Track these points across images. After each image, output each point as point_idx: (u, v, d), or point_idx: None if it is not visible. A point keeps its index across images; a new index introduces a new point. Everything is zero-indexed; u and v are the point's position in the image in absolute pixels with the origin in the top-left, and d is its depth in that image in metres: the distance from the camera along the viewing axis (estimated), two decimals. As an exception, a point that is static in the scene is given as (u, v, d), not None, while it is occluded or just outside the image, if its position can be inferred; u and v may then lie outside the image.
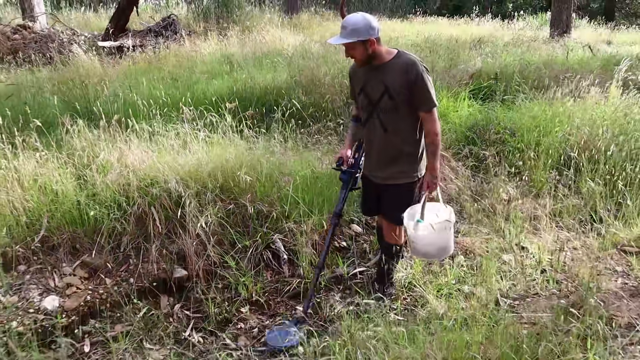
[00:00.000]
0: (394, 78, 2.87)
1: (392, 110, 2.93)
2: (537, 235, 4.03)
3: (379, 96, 2.93)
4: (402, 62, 2.88)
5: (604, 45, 11.65)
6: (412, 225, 3.01)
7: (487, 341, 2.45)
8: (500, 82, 6.54)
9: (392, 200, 3.14)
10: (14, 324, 3.04)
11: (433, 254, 3.18)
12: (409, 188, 3.10)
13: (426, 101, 2.89)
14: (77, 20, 13.14)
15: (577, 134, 5.03)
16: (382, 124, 2.98)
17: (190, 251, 3.50)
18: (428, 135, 2.97)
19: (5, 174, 3.46)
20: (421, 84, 2.84)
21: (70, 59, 8.99)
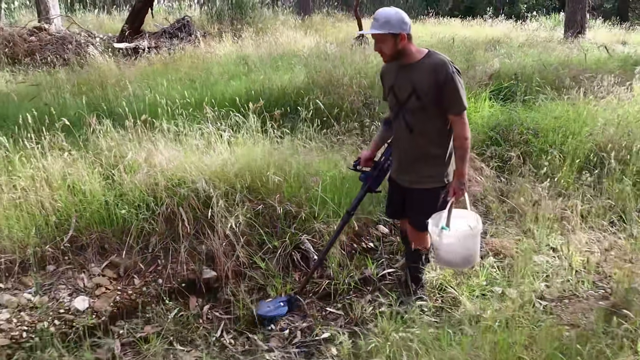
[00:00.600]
0: (423, 78, 2.78)
1: (419, 111, 2.84)
2: (567, 236, 3.98)
3: (406, 96, 2.85)
4: (432, 62, 2.79)
5: (619, 46, 11.55)
6: (437, 233, 2.89)
7: (530, 343, 2.40)
8: (520, 82, 6.47)
9: (417, 205, 3.05)
10: (45, 324, 3.04)
11: (457, 263, 3.07)
12: (436, 193, 2.99)
13: (456, 103, 2.79)
14: (92, 22, 13.19)
15: (602, 134, 4.97)
16: (408, 125, 2.90)
17: (219, 252, 3.48)
18: (457, 139, 2.86)
19: (34, 173, 3.45)
20: (451, 85, 2.74)
21: (87, 61, 9.05)
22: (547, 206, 4.31)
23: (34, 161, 3.57)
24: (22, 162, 3.64)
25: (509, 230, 4.15)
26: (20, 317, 3.03)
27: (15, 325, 2.98)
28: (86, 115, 4.14)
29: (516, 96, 6.20)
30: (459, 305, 3.21)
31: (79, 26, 10.96)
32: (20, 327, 2.97)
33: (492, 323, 2.57)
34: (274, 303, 3.27)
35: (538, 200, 4.44)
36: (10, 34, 10.03)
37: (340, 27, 13.15)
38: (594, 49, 10.54)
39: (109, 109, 5.41)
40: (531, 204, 4.42)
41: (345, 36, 12.18)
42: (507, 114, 5.65)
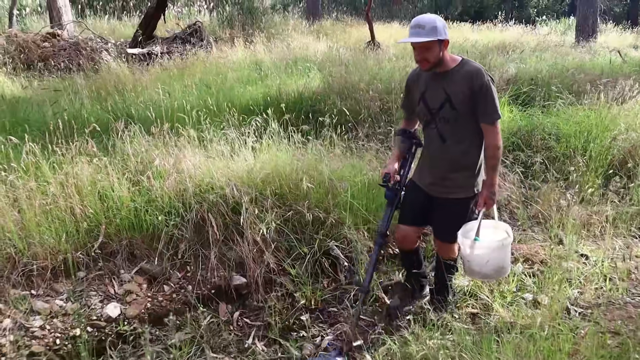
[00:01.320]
0: (457, 86, 2.75)
1: (452, 120, 2.81)
2: (595, 243, 3.95)
3: (439, 105, 2.81)
4: (467, 70, 2.75)
5: (632, 50, 11.52)
6: (468, 244, 2.85)
7: (574, 350, 2.38)
8: (539, 87, 6.46)
9: (446, 217, 2.99)
10: (77, 331, 3.03)
11: (489, 274, 3.00)
12: (466, 203, 2.95)
13: (490, 112, 2.75)
14: (102, 28, 13.24)
15: (625, 140, 4.94)
16: (441, 134, 2.86)
17: (248, 258, 3.47)
18: (489, 148, 2.81)
19: (64, 179, 3.45)
20: (486, 94, 2.71)
21: (101, 66, 9.08)
22: (573, 212, 4.29)
23: (64, 167, 3.56)
24: (52, 168, 3.64)
25: (535, 236, 4.14)
26: (53, 323, 3.02)
27: (49, 332, 2.97)
28: (113, 120, 4.15)
29: (535, 101, 6.18)
30: (491, 312, 3.19)
31: (92, 32, 10.99)
32: (53, 334, 2.97)
33: (536, 330, 2.53)
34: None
35: (564, 206, 4.43)
36: (25, 39, 10.07)
37: (350, 32, 13.16)
38: (606, 54, 10.53)
39: (129, 114, 5.41)
40: (556, 209, 4.41)
41: (356, 41, 12.20)
42: (528, 119, 5.63)
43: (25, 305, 3.05)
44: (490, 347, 2.48)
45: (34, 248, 3.21)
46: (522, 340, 2.54)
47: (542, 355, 2.34)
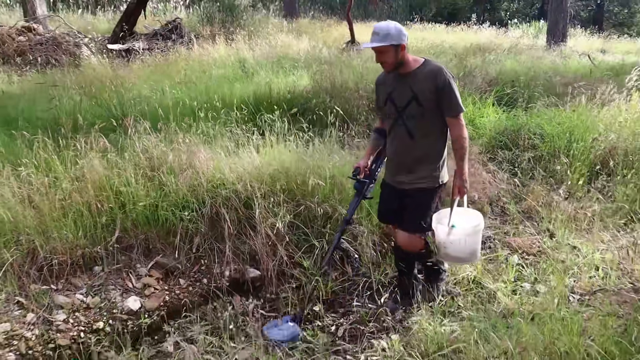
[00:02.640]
0: (422, 85, 2.95)
1: (419, 117, 3.00)
2: (583, 236, 4.21)
3: (406, 103, 3.01)
4: (430, 69, 2.97)
5: (599, 54, 12.05)
6: (445, 231, 3.05)
7: (581, 331, 2.58)
8: (521, 89, 6.75)
9: (413, 208, 3.15)
10: (100, 324, 3.09)
11: (464, 258, 3.22)
12: (430, 194, 3.14)
13: (453, 106, 2.97)
14: (76, 22, 12.99)
15: (605, 140, 5.24)
16: (409, 131, 3.04)
17: (262, 252, 3.57)
18: (457, 140, 3.03)
19: (79, 175, 3.48)
20: (448, 90, 2.93)
21: (81, 62, 8.97)
22: (560, 208, 4.55)
23: (78, 162, 3.59)
24: (64, 164, 3.66)
25: (527, 230, 4.37)
26: (76, 317, 3.07)
27: (72, 325, 3.02)
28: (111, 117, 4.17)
29: (517, 102, 6.46)
30: (493, 300, 3.39)
31: (69, 27, 10.80)
32: (77, 328, 3.01)
33: (545, 315, 2.73)
34: (284, 324, 3.23)
35: (552, 202, 4.70)
36: (0, 33, 9.85)
37: (329, 31, 13.30)
38: (576, 57, 11.01)
39: (126, 111, 5.42)
40: (545, 205, 4.67)
41: (335, 40, 12.35)
42: (513, 120, 5.90)
43: (47, 299, 3.09)
44: (506, 330, 2.66)
45: (52, 243, 3.24)
46: (533, 323, 2.74)
47: (554, 336, 2.53)
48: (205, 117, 4.53)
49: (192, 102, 5.77)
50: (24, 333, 2.86)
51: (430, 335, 2.91)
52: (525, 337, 2.53)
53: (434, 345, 2.83)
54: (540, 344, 2.50)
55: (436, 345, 2.82)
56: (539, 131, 5.57)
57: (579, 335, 2.53)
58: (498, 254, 3.82)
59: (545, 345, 2.50)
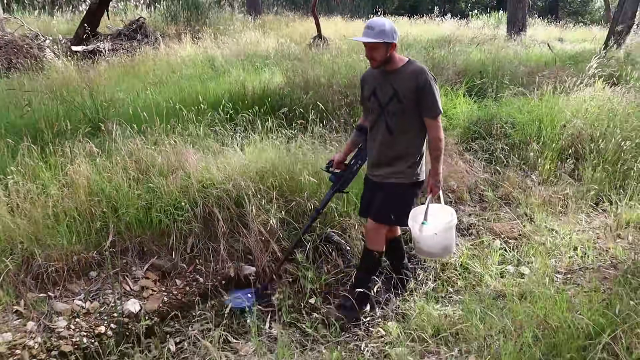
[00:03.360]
0: (404, 83, 3.03)
1: (399, 114, 3.07)
2: (559, 219, 4.43)
3: (388, 99, 3.09)
4: (412, 69, 3.05)
5: (558, 43, 12.48)
6: (417, 227, 3.14)
7: (569, 307, 2.75)
8: (489, 79, 6.97)
9: (385, 198, 3.21)
10: (102, 329, 3.09)
11: (437, 253, 3.35)
12: (404, 189, 3.20)
13: (432, 107, 3.03)
14: (35, 24, 12.63)
15: (573, 127, 5.49)
16: (388, 126, 3.12)
17: (255, 248, 3.63)
18: (432, 141, 3.10)
19: (69, 180, 3.46)
20: (428, 91, 3.00)
21: (44, 65, 8.74)
22: (534, 193, 4.77)
23: (64, 168, 3.57)
24: (50, 170, 3.63)
25: (505, 216, 4.56)
26: (77, 323, 3.07)
27: (74, 331, 3.02)
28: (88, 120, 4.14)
29: (487, 93, 6.68)
30: (481, 284, 3.55)
31: (29, 28, 10.50)
32: (79, 333, 3.01)
33: (536, 294, 2.90)
34: (244, 294, 3.37)
35: (526, 187, 4.91)
36: (-46, 36, 9.50)
37: (294, 27, 13.34)
38: (536, 46, 11.38)
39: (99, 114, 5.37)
40: (521, 191, 4.88)
41: (301, 35, 12.41)
42: (484, 110, 6.10)
43: (46, 307, 3.08)
44: (500, 310, 2.81)
45: (47, 250, 3.22)
46: (524, 303, 2.90)
47: (545, 313, 2.69)
48: (188, 118, 4.54)
49: (167, 103, 5.77)
50: (26, 342, 2.85)
51: (427, 320, 3.04)
52: (520, 316, 2.68)
53: (433, 328, 2.96)
54: (534, 321, 2.66)
55: (435, 329, 2.95)
56: (510, 120, 5.79)
57: (568, 310, 2.70)
58: (482, 240, 3.97)
59: (538, 322, 2.66)
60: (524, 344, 2.46)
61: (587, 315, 2.62)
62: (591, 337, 2.47)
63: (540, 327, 2.62)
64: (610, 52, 8.80)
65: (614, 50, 9.34)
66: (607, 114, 5.64)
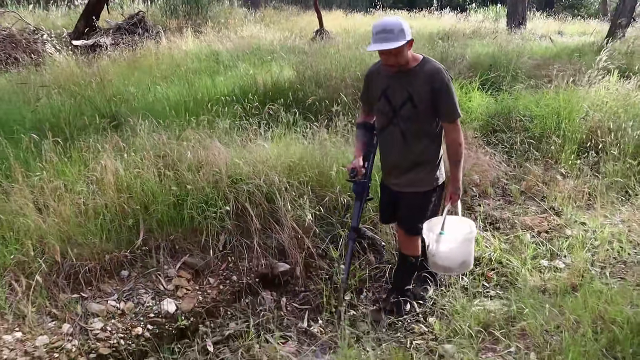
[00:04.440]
0: (419, 86, 2.75)
1: (413, 118, 2.81)
2: (586, 212, 4.39)
3: (401, 103, 2.81)
4: (428, 69, 2.76)
5: (558, 36, 12.49)
6: (434, 239, 2.94)
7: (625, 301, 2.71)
8: (502, 72, 6.93)
9: (408, 209, 3.05)
10: (139, 330, 3.00)
11: (453, 269, 3.09)
12: (426, 196, 3.01)
13: (450, 111, 2.79)
14: (30, 19, 12.38)
15: (591, 120, 5.47)
16: (402, 132, 2.86)
17: (289, 245, 3.55)
18: (451, 146, 2.86)
19: (99, 177, 3.36)
20: (446, 93, 2.74)
21: (45, 60, 8.57)
22: (559, 186, 4.73)
23: (88, 164, 3.46)
24: (75, 165, 3.52)
25: (531, 209, 4.52)
26: (113, 324, 2.97)
27: (111, 333, 2.92)
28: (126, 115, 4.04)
29: (501, 86, 6.64)
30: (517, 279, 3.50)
31: (26, 22, 10.29)
32: (116, 335, 2.92)
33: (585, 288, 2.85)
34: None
35: (549, 181, 4.87)
36: (-50, 30, 9.28)
37: (294, 21, 13.22)
38: (537, 40, 11.38)
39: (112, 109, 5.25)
40: (544, 184, 4.84)
41: (302, 29, 12.29)
42: (501, 103, 6.05)
43: (80, 308, 2.98)
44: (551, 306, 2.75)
45: (78, 249, 3.12)
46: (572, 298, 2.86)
47: (599, 308, 2.65)
48: (215, 111, 4.44)
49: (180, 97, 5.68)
50: (64, 345, 2.75)
51: (471, 316, 2.97)
52: (579, 311, 2.62)
53: (479, 324, 2.90)
54: (589, 315, 2.61)
55: (483, 324, 2.88)
56: (528, 113, 5.75)
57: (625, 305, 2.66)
58: (518, 234, 3.92)
59: (593, 317, 2.61)
60: (584, 338, 2.41)
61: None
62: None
63: (597, 322, 2.57)
64: (614, 45, 8.81)
65: (617, 44, 9.36)
66: (625, 107, 5.61)
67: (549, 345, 2.43)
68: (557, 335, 2.55)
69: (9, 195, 3.21)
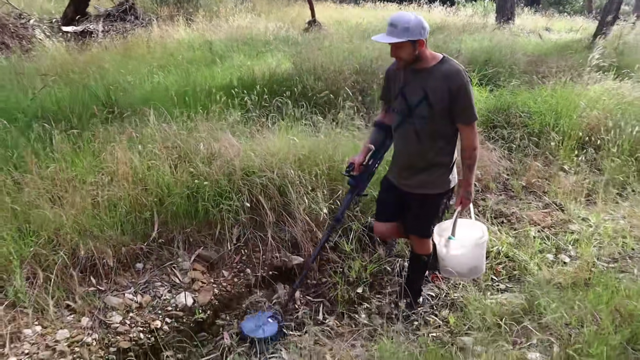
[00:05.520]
0: (436, 85, 2.70)
1: (429, 118, 2.77)
2: (587, 207, 4.49)
3: (416, 102, 2.78)
4: (446, 69, 2.72)
5: (545, 32, 12.63)
6: (444, 243, 2.93)
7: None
8: (501, 68, 7.01)
9: (419, 212, 3.02)
10: (158, 323, 2.99)
11: (464, 273, 3.08)
12: (438, 199, 2.99)
13: (467, 113, 2.74)
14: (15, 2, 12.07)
15: (588, 117, 5.57)
16: (417, 131, 2.82)
17: (302, 238, 3.57)
18: (466, 149, 2.83)
19: (113, 168, 3.32)
20: (464, 94, 2.69)
21: (34, 46, 8.39)
22: (559, 182, 4.82)
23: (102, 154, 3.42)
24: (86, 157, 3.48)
25: (534, 204, 4.61)
26: (132, 318, 2.96)
27: (130, 326, 2.91)
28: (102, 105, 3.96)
29: (498, 82, 6.71)
30: (526, 273, 3.58)
31: (13, 6, 10.03)
32: (135, 328, 2.91)
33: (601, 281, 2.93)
34: (263, 319, 3.01)
35: (549, 176, 4.97)
36: None
37: (285, 11, 13.13)
38: (526, 35, 11.50)
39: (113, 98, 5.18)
40: (544, 180, 4.94)
41: (294, 20, 12.22)
42: (499, 99, 6.12)
43: (97, 301, 2.95)
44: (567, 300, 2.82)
45: (93, 242, 3.08)
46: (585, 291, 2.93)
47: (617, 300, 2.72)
48: (215, 102, 4.41)
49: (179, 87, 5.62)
50: (84, 338, 2.73)
51: (484, 309, 3.03)
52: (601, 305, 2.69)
53: (494, 316, 2.95)
54: (607, 310, 2.68)
55: (498, 317, 2.94)
56: (526, 110, 5.83)
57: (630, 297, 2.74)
58: (527, 229, 3.99)
59: (610, 310, 2.69)
60: (605, 331, 2.48)
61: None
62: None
63: (615, 316, 2.64)
64: (604, 43, 8.96)
65: (605, 41, 9.53)
66: (621, 105, 5.73)
67: (571, 338, 2.49)
68: (575, 328, 2.61)
69: (22, 186, 3.15)
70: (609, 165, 5.00)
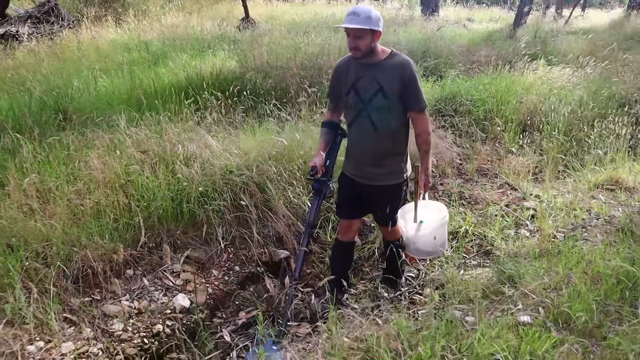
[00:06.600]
0: (389, 77, 2.83)
1: (384, 110, 2.88)
2: (536, 185, 4.89)
3: (371, 95, 2.87)
4: (397, 61, 2.86)
5: (469, 22, 13.33)
6: (412, 227, 3.12)
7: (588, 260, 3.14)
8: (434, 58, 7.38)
9: (382, 203, 3.10)
10: (159, 327, 2.99)
11: (434, 251, 3.30)
12: (398, 189, 3.11)
13: (418, 101, 2.89)
14: None
15: (527, 102, 6.04)
16: (373, 123, 2.91)
17: (285, 232, 3.66)
18: (420, 135, 2.97)
19: (95, 175, 3.26)
20: (414, 84, 2.85)
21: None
22: (508, 163, 5.22)
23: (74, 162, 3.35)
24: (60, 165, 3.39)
25: (488, 185, 4.95)
26: (133, 324, 2.94)
27: (132, 333, 2.89)
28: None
29: (439, 72, 7.08)
30: (493, 247, 3.87)
31: None
32: (138, 334, 2.89)
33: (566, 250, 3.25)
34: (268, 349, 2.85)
35: (496, 159, 5.36)
36: None
37: (216, 9, 12.97)
38: (450, 26, 12.09)
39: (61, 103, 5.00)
40: (492, 162, 5.32)
41: (226, 18, 12.09)
42: (443, 88, 6.47)
43: (94, 311, 2.91)
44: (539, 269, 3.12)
45: (82, 252, 3.02)
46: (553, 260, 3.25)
47: (583, 265, 3.05)
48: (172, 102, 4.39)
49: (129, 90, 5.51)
50: (90, 349, 2.69)
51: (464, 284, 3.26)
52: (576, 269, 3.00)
53: (477, 290, 3.19)
54: (577, 272, 3.00)
55: (480, 291, 3.19)
56: (470, 97, 6.21)
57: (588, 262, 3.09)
58: (487, 209, 4.30)
59: (580, 273, 3.00)
60: (580, 293, 2.78)
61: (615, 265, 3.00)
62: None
63: (587, 277, 2.96)
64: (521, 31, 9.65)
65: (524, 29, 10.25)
66: (554, 89, 6.25)
67: (553, 300, 2.77)
68: (554, 291, 2.90)
69: (2, 199, 3.03)
70: (549, 145, 5.45)
